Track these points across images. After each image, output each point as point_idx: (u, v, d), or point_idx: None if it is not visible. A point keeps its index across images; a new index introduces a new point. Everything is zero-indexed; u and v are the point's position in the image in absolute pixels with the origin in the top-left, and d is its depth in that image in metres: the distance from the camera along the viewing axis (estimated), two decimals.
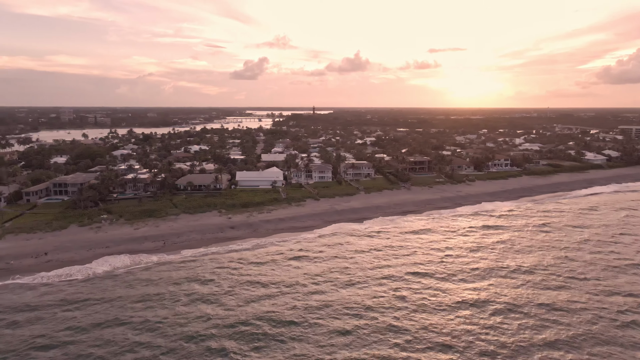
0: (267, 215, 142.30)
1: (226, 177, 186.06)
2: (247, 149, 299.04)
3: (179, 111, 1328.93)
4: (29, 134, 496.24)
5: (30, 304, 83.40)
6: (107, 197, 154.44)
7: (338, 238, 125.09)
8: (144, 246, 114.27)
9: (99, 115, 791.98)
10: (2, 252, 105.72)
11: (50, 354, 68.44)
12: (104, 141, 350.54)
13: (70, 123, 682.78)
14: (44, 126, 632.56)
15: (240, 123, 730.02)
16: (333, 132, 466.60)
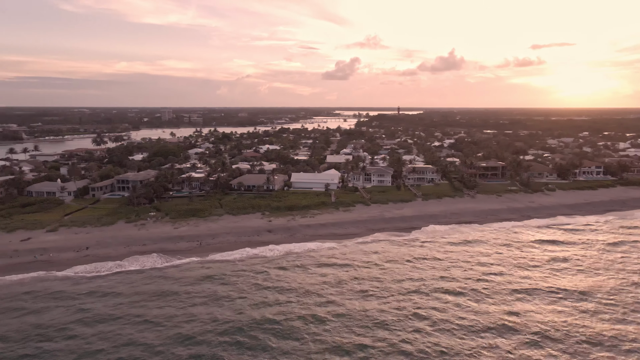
0: (309, 219, 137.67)
1: (282, 178, 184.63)
2: (316, 150, 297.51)
3: (271, 111, 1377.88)
4: (129, 132, 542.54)
5: (52, 294, 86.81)
6: (163, 195, 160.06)
7: (376, 247, 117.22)
8: (178, 245, 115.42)
9: (195, 115, 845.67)
10: (49, 244, 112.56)
11: (47, 342, 69.77)
12: (187, 139, 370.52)
13: (168, 122, 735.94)
14: (145, 125, 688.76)
15: (325, 123, 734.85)
16: (411, 134, 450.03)
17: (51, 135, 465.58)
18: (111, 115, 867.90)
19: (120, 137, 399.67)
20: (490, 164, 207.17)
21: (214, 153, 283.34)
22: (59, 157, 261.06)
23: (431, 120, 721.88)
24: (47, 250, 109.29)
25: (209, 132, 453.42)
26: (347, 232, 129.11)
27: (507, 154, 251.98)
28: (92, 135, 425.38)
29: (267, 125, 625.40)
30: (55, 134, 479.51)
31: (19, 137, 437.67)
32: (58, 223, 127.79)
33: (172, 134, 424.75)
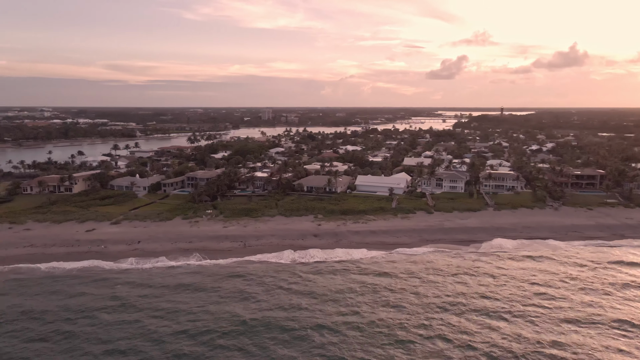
0: (360, 225, 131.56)
1: (347, 180, 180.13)
2: (399, 151, 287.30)
3: (371, 111, 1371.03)
4: (228, 130, 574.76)
5: (92, 283, 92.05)
6: (226, 193, 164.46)
7: (424, 258, 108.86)
8: (220, 245, 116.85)
9: (293, 115, 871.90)
10: (107, 236, 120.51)
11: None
12: (275, 138, 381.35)
13: (266, 122, 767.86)
14: (245, 124, 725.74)
15: (422, 123, 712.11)
16: (509, 136, 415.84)
17: (160, 134, 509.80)
18: (219, 115, 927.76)
19: (213, 135, 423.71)
20: (586, 172, 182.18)
21: (293, 152, 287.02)
22: (154, 153, 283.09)
23: (539, 122, 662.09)
24: (104, 242, 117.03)
25: (296, 131, 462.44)
26: (397, 242, 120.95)
27: (613, 160, 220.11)
28: (198, 133, 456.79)
29: (360, 126, 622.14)
30: (163, 132, 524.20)
31: (133, 135, 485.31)
32: (123, 216, 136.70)
33: (263, 133, 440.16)
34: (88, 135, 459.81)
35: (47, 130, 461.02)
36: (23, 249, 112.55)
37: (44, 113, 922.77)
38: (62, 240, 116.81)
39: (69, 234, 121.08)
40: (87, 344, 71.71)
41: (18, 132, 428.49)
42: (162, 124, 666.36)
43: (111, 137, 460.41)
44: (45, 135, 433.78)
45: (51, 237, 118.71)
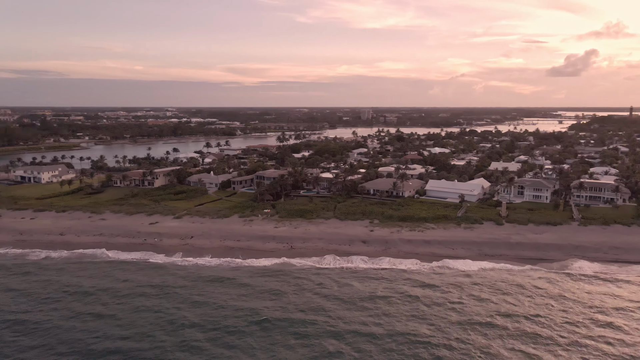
0: (416, 234, 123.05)
1: (417, 185, 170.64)
2: (490, 155, 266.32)
3: (481, 111, 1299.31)
4: (324, 130, 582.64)
5: (135, 272, 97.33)
6: (290, 192, 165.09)
7: (476, 274, 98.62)
8: (265, 245, 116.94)
9: (392, 115, 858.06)
10: (165, 230, 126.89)
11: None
12: (363, 139, 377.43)
13: (364, 122, 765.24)
14: (343, 124, 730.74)
15: (534, 125, 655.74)
16: (631, 140, 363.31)
17: (257, 132, 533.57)
18: (322, 115, 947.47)
19: (303, 135, 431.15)
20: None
21: (376, 153, 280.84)
22: (240, 152, 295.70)
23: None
24: (161, 235, 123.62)
25: (387, 132, 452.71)
26: (451, 254, 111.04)
27: None
28: (289, 133, 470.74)
29: (461, 127, 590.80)
30: (261, 131, 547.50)
31: (233, 133, 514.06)
32: (186, 212, 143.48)
33: (354, 133, 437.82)
34: (194, 133, 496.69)
35: (161, 128, 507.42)
36: (92, 237, 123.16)
37: (166, 113, 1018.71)
38: (126, 231, 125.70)
39: (134, 226, 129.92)
40: (109, 326, 76.54)
41: (136, 129, 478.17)
42: (264, 123, 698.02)
43: (213, 135, 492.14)
44: (158, 132, 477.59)
45: (119, 228, 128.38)
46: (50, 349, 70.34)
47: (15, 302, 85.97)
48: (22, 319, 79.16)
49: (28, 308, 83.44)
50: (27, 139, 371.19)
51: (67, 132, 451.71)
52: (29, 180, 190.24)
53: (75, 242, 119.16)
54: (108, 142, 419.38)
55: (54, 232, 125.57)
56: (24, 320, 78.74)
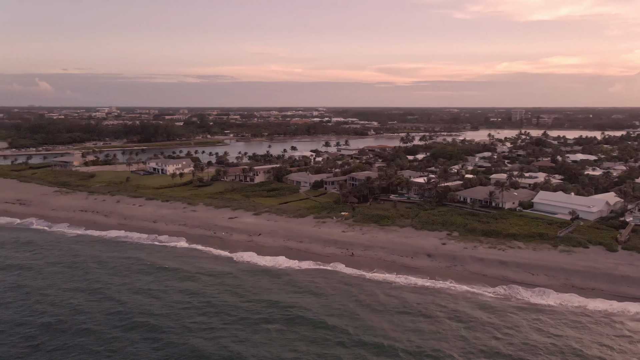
0: (495, 252, 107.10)
1: (524, 195, 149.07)
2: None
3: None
4: (463, 132, 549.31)
5: (191, 264, 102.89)
6: (379, 196, 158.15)
7: (549, 309, 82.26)
8: (324, 250, 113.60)
9: (547, 117, 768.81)
10: (238, 225, 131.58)
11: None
12: (498, 142, 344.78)
13: (513, 123, 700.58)
14: (486, 125, 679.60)
15: None
16: None
17: (390, 133, 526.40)
18: (472, 115, 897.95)
19: (428, 136, 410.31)
20: None
21: (501, 158, 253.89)
22: (357, 152, 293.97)
23: None
24: (232, 230, 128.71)
25: (526, 135, 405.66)
26: (527, 280, 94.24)
27: None
28: (415, 134, 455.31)
29: (629, 130, 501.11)
30: (393, 131, 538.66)
31: (365, 133, 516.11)
32: (268, 209, 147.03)
33: (490, 136, 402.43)
34: (327, 132, 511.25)
35: (297, 126, 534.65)
36: (177, 226, 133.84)
37: (313, 112, 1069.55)
38: (205, 224, 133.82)
39: (214, 219, 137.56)
40: (130, 306, 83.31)
41: (273, 128, 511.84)
42: (403, 123, 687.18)
43: (345, 134, 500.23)
44: (294, 131, 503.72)
45: (201, 220, 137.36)
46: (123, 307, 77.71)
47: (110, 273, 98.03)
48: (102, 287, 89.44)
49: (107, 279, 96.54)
50: (182, 135, 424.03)
51: (217, 130, 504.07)
52: (158, 171, 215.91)
53: (161, 230, 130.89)
54: (248, 139, 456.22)
55: (149, 219, 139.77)
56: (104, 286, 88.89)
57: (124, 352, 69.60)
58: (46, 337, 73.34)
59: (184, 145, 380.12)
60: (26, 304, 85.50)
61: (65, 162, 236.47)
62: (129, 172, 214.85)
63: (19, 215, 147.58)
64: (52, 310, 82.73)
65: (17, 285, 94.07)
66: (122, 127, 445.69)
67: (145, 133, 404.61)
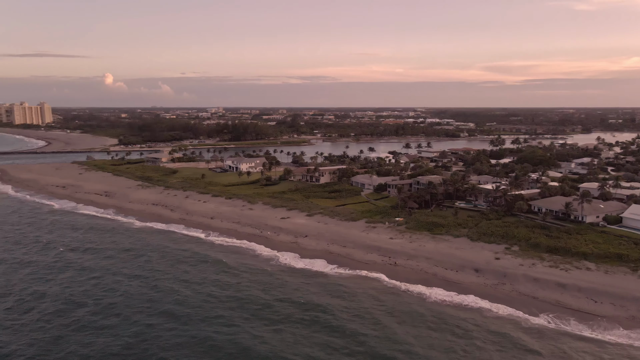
0: (554, 271, 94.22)
1: (614, 208, 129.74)
2: None
3: None
4: (569, 135, 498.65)
5: (229, 259, 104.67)
6: (444, 202, 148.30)
7: (586, 356, 69.44)
8: (366, 256, 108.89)
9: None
10: (288, 226, 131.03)
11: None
12: (606, 146, 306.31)
13: (635, 125, 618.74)
14: (601, 127, 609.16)
15: None
16: None
17: (485, 135, 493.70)
18: (590, 116, 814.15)
19: (524, 140, 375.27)
20: None
21: (602, 165, 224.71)
22: (438, 154, 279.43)
23: None
24: (280, 230, 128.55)
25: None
26: (586, 308, 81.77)
27: None
28: (519, 136, 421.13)
29: None
30: (488, 133, 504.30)
31: (456, 135, 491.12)
32: (322, 211, 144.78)
33: (599, 139, 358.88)
34: (415, 134, 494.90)
35: (385, 127, 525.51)
36: (230, 223, 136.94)
37: (409, 113, 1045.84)
38: (256, 223, 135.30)
39: (266, 219, 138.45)
40: (163, 292, 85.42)
41: (360, 128, 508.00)
42: (503, 125, 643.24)
43: (435, 136, 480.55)
44: (381, 132, 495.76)
45: (254, 219, 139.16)
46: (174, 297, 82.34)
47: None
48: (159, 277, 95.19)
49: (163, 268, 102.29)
50: (270, 134, 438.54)
51: (306, 130, 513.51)
52: (233, 169, 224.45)
53: (215, 226, 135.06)
54: (334, 139, 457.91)
55: (208, 215, 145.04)
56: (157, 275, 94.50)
57: (140, 334, 74.08)
58: (85, 311, 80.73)
59: (271, 144, 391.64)
60: (75, 280, 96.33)
61: (155, 158, 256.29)
62: (207, 169, 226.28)
63: (102, 206, 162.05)
64: (93, 289, 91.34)
65: (77, 264, 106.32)
66: (215, 126, 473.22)
67: (236, 132, 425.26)
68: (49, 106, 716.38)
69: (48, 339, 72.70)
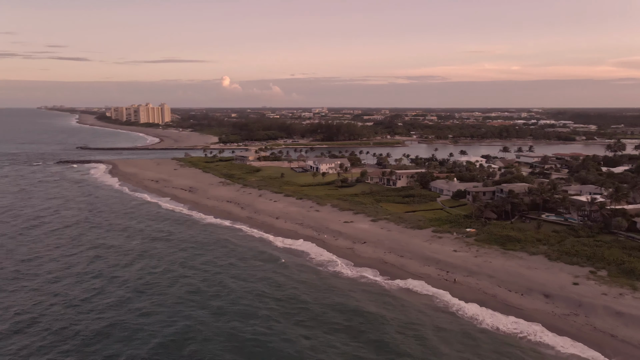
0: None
1: None
2: None
3: None
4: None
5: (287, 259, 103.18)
6: (528, 214, 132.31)
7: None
8: (421, 268, 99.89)
9: None
10: (349, 231, 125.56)
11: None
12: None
13: None
14: None
15: None
16: None
17: (606, 138, 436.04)
18: None
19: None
20: None
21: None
22: (539, 159, 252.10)
23: None
24: (339, 235, 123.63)
25: None
26: None
27: None
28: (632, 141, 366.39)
29: None
30: (609, 137, 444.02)
31: (571, 138, 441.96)
32: (389, 216, 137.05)
33: None
34: (521, 136, 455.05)
35: (487, 129, 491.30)
36: (293, 224, 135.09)
37: (521, 114, 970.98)
38: (318, 225, 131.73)
39: (329, 222, 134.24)
40: (205, 286, 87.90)
41: (458, 130, 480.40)
42: (633, 127, 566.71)
43: (544, 139, 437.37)
44: (483, 134, 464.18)
45: (317, 221, 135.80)
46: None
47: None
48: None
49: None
50: (363, 135, 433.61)
51: (402, 131, 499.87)
52: (314, 169, 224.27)
53: (277, 226, 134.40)
54: (430, 141, 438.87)
55: (274, 215, 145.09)
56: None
57: (183, 326, 76.06)
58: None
59: (363, 145, 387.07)
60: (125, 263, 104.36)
61: (243, 156, 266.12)
62: (289, 169, 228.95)
63: (181, 200, 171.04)
64: (136, 275, 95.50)
65: (143, 253, 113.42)
66: (308, 126, 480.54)
67: (328, 132, 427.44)
68: (168, 107, 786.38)
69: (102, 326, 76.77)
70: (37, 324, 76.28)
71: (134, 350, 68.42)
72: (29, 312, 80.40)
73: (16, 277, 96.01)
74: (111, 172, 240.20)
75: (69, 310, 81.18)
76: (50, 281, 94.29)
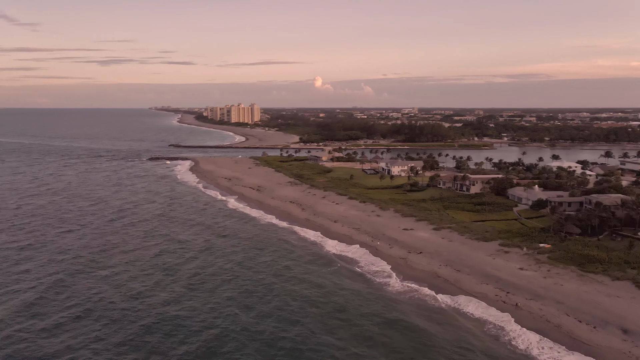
0: None
1: None
2: None
3: None
4: None
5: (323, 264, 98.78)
6: (620, 231, 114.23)
7: None
8: (477, 287, 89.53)
9: None
10: (408, 239, 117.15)
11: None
12: None
13: None
14: None
15: None
16: None
17: None
18: None
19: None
20: None
21: None
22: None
23: None
24: (395, 242, 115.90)
25: None
26: None
27: None
28: None
29: None
30: None
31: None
32: (454, 225, 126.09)
33: None
34: (633, 140, 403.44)
35: (591, 132, 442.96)
36: (349, 229, 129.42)
37: (638, 115, 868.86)
38: (375, 231, 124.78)
39: (387, 228, 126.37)
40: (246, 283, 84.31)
41: (557, 132, 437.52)
42: None
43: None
44: (586, 137, 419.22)
45: (375, 227, 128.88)
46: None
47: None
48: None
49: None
50: (447, 136, 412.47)
51: (492, 132, 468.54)
52: (386, 171, 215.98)
53: (332, 230, 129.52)
54: (522, 144, 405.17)
55: (332, 218, 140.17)
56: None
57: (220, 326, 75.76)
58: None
59: (447, 147, 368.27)
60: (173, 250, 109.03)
61: (317, 157, 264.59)
62: (360, 170, 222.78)
63: (247, 199, 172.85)
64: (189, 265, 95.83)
65: (201, 247, 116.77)
66: (390, 126, 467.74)
67: (411, 133, 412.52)
68: (257, 107, 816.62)
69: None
70: (91, 314, 78.79)
71: (171, 349, 68.16)
72: (88, 302, 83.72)
73: (82, 270, 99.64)
74: (192, 169, 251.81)
75: (124, 303, 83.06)
76: (116, 273, 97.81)
